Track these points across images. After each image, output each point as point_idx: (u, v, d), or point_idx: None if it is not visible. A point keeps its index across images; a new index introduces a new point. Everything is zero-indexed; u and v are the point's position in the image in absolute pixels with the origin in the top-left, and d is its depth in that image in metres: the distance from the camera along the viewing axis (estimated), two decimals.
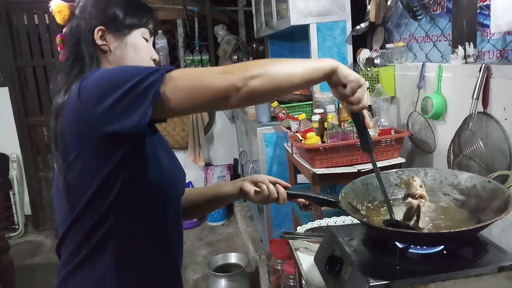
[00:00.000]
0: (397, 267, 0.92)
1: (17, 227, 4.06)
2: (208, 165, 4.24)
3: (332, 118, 1.93)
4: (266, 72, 0.82)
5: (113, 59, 1.02)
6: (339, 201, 1.05)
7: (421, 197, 1.09)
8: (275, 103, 2.42)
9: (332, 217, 1.48)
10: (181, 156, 3.97)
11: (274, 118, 2.62)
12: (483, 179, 1.07)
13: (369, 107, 1.51)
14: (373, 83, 2.11)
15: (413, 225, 0.95)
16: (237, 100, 0.82)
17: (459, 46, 1.55)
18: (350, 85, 0.90)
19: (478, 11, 1.53)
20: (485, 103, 1.41)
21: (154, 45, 1.12)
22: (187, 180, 3.97)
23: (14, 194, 4.02)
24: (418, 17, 1.91)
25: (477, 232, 0.99)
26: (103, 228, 0.92)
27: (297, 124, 2.15)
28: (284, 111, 2.40)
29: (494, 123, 1.38)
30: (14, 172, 4.01)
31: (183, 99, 0.81)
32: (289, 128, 2.24)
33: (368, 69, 2.14)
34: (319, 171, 1.80)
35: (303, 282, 1.25)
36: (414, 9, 1.89)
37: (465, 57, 1.56)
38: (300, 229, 1.45)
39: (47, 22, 3.83)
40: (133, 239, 0.96)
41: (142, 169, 0.94)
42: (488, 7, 1.48)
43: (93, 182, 0.89)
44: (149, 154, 0.95)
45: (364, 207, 1.12)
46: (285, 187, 1.15)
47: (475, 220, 0.99)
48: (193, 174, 4.16)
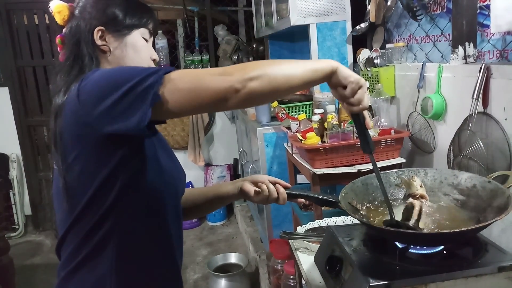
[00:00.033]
0: (397, 267, 0.92)
1: (17, 227, 4.06)
2: (208, 165, 4.24)
3: (332, 118, 1.93)
4: (265, 74, 0.82)
5: (112, 59, 1.02)
6: (339, 201, 1.05)
7: (421, 197, 1.08)
8: (275, 103, 2.42)
9: (332, 217, 1.48)
10: (181, 156, 3.97)
11: (274, 118, 2.62)
12: (483, 179, 1.07)
13: (369, 107, 1.50)
14: (373, 83, 2.11)
15: (413, 225, 0.95)
16: (236, 101, 0.81)
17: (459, 46, 1.55)
18: (350, 86, 0.90)
19: (478, 11, 1.53)
20: (485, 103, 1.41)
21: (154, 45, 1.12)
22: (187, 180, 3.97)
23: (14, 194, 4.02)
24: (418, 17, 1.91)
25: (477, 232, 0.99)
26: (103, 228, 0.92)
27: (297, 124, 2.15)
28: (284, 111, 2.40)
29: (494, 123, 1.38)
30: (14, 172, 4.01)
31: (182, 100, 0.81)
32: (289, 128, 2.24)
33: (368, 69, 2.14)
34: (319, 171, 1.80)
35: (303, 282, 1.25)
36: (414, 9, 1.89)
37: (465, 57, 1.56)
38: (300, 229, 1.45)
39: (47, 22, 3.83)
40: (133, 239, 0.96)
41: (141, 169, 0.94)
42: (488, 7, 1.48)
43: (92, 183, 0.89)
44: (149, 154, 0.95)
45: (364, 207, 1.11)
46: (285, 187, 1.15)
47: (475, 220, 0.99)
48: (193, 174, 4.16)
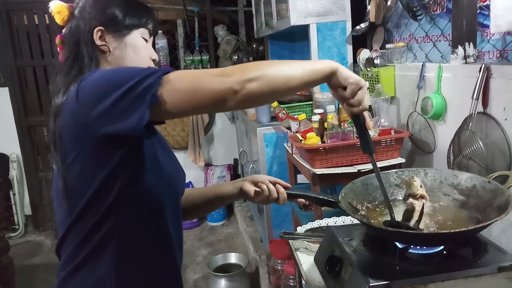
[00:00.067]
0: (397, 267, 0.92)
1: (17, 227, 4.06)
2: (208, 165, 4.24)
3: (332, 118, 1.93)
4: (264, 75, 0.82)
5: (112, 59, 1.02)
6: (339, 201, 1.05)
7: (421, 197, 1.08)
8: (275, 103, 2.42)
9: (332, 217, 1.48)
10: (181, 156, 3.97)
11: (274, 118, 2.62)
12: (483, 179, 1.07)
13: (369, 107, 1.50)
14: (373, 83, 2.11)
15: (413, 226, 0.95)
16: (234, 103, 0.81)
17: (459, 46, 1.55)
18: (350, 87, 0.89)
19: (478, 11, 1.53)
20: (485, 103, 1.41)
21: (154, 45, 1.12)
22: (187, 180, 3.97)
23: (14, 194, 4.02)
24: (418, 17, 1.90)
25: (477, 232, 0.98)
26: (103, 229, 0.92)
27: (297, 124, 2.15)
28: (284, 111, 2.40)
29: (494, 123, 1.38)
30: (14, 172, 4.01)
31: (181, 101, 0.81)
32: (289, 128, 2.24)
33: (368, 69, 2.14)
34: (319, 171, 1.80)
35: (303, 282, 1.25)
36: (414, 9, 1.89)
37: (465, 57, 1.56)
38: (300, 229, 1.45)
39: (47, 22, 3.83)
40: (133, 239, 0.96)
41: (141, 170, 0.93)
42: (488, 7, 1.48)
43: (92, 183, 0.89)
44: (148, 155, 0.95)
45: (364, 207, 1.11)
46: (285, 187, 1.14)
47: (475, 221, 0.99)
48: (193, 174, 4.16)
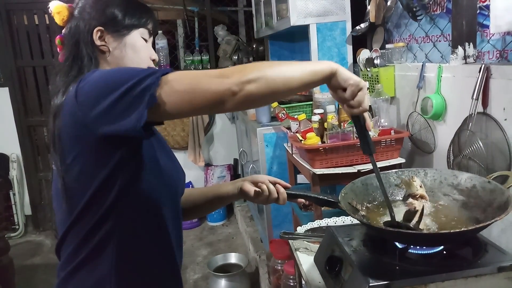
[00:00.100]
0: (397, 267, 0.92)
1: (17, 227, 4.06)
2: (208, 165, 4.24)
3: (332, 119, 1.93)
4: (262, 76, 0.81)
5: (112, 59, 1.02)
6: (339, 201, 1.05)
7: (421, 197, 1.08)
8: (275, 104, 2.42)
9: (332, 217, 1.48)
10: (181, 156, 3.97)
11: (274, 118, 2.62)
12: (482, 179, 1.07)
13: (369, 108, 1.50)
14: (373, 84, 2.11)
15: (414, 226, 0.95)
16: (233, 104, 0.81)
17: (459, 46, 1.55)
18: (350, 88, 0.89)
19: (478, 11, 1.53)
20: (485, 103, 1.41)
21: (154, 45, 1.12)
22: (187, 180, 3.97)
23: (14, 194, 4.02)
24: (418, 18, 1.91)
25: (476, 232, 0.98)
26: (103, 229, 0.92)
27: (297, 124, 2.15)
28: (284, 112, 2.40)
29: (494, 123, 1.38)
30: (14, 172, 4.01)
31: (179, 102, 0.81)
32: (289, 128, 2.24)
33: (368, 69, 2.14)
34: (319, 171, 1.80)
35: (303, 282, 1.25)
36: (414, 9, 1.89)
37: (465, 57, 1.56)
38: (300, 229, 1.45)
39: (47, 22, 3.83)
40: (132, 240, 0.96)
41: (140, 170, 0.93)
42: (487, 7, 1.48)
43: (91, 184, 0.89)
44: (148, 155, 0.95)
45: (364, 208, 1.11)
46: (285, 187, 1.14)
47: (475, 221, 0.99)
48: (193, 174, 4.16)
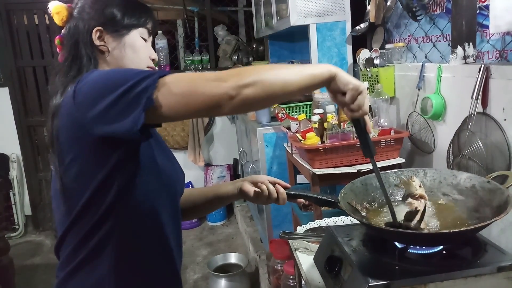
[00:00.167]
0: (397, 267, 0.92)
1: (17, 227, 4.06)
2: (208, 165, 4.24)
3: (331, 119, 1.93)
4: (260, 80, 0.80)
5: (111, 59, 1.02)
6: (339, 201, 1.05)
7: (420, 197, 1.09)
8: (275, 104, 2.42)
9: (332, 217, 1.48)
10: (181, 156, 3.97)
11: (274, 118, 2.62)
12: (482, 179, 1.07)
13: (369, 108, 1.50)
14: (372, 84, 2.11)
15: (415, 225, 0.94)
16: (230, 108, 0.80)
17: (459, 46, 1.55)
18: (350, 93, 0.88)
19: (478, 11, 1.53)
20: (485, 103, 1.41)
21: (154, 45, 1.12)
22: (187, 180, 3.97)
23: (14, 194, 4.02)
24: (418, 18, 1.91)
25: (476, 232, 0.98)
26: (102, 230, 0.92)
27: (296, 124, 2.15)
28: (283, 112, 2.40)
29: (494, 123, 1.38)
30: (14, 172, 4.01)
31: (176, 105, 0.80)
32: (289, 128, 2.24)
33: (368, 69, 2.14)
34: (318, 171, 1.80)
35: (303, 282, 1.25)
36: (414, 9, 1.89)
37: (465, 57, 1.56)
38: (300, 229, 1.46)
39: (47, 22, 3.83)
40: (131, 240, 0.96)
41: (138, 171, 0.93)
42: (487, 7, 1.48)
43: (89, 185, 0.89)
44: (146, 156, 0.95)
45: (363, 207, 1.12)
46: (285, 187, 1.14)
47: (474, 220, 1.00)
48: (193, 174, 4.16)
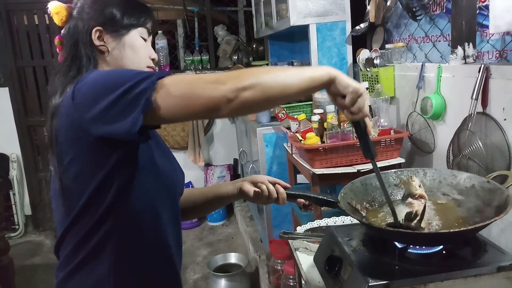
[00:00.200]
0: (396, 267, 0.92)
1: (17, 227, 4.06)
2: (208, 165, 4.24)
3: (331, 119, 1.93)
4: (258, 83, 0.80)
5: (111, 59, 1.02)
6: (339, 201, 1.05)
7: (420, 197, 1.09)
8: None
9: (332, 217, 1.48)
10: (181, 156, 3.97)
11: (274, 118, 2.63)
12: (482, 179, 1.07)
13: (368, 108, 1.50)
14: (372, 84, 2.11)
15: (415, 225, 0.94)
16: (228, 111, 0.80)
17: (459, 46, 1.55)
18: (349, 96, 0.87)
19: (477, 11, 1.53)
20: (484, 103, 1.41)
21: (153, 45, 1.12)
22: (187, 180, 3.97)
23: (14, 194, 4.02)
24: (418, 18, 1.91)
25: (476, 232, 0.98)
26: (101, 230, 0.92)
27: (296, 124, 2.15)
28: (283, 111, 2.40)
29: (493, 123, 1.38)
30: (14, 172, 4.01)
31: (174, 107, 0.80)
32: (288, 128, 2.24)
33: (368, 69, 2.14)
34: (318, 171, 1.80)
35: (303, 282, 1.25)
36: (414, 9, 1.89)
37: (465, 57, 1.56)
38: (300, 229, 1.46)
39: (47, 22, 3.83)
40: (131, 241, 0.96)
41: (138, 172, 0.93)
42: (487, 7, 1.48)
43: (89, 185, 0.89)
44: (145, 156, 0.95)
45: (363, 207, 1.12)
46: (285, 187, 1.14)
47: (474, 220, 1.00)
48: (193, 174, 4.16)
